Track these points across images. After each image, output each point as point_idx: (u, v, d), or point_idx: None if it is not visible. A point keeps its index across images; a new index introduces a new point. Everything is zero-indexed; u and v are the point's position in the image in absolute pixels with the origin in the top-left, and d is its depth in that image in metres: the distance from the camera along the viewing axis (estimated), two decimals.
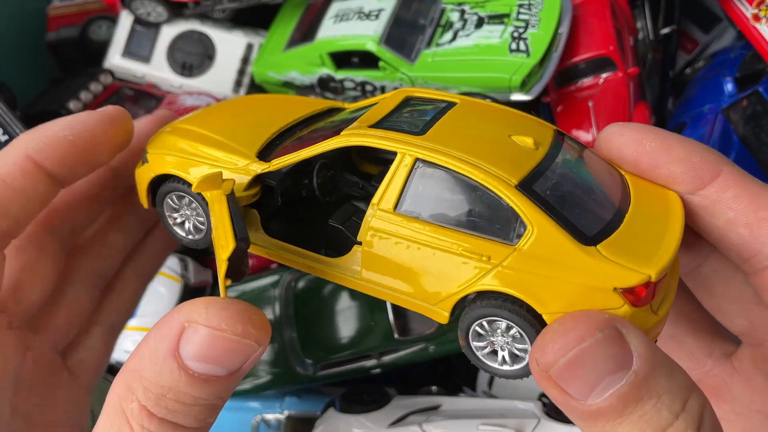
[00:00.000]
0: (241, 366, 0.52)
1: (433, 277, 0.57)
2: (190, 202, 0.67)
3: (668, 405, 0.47)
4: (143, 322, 1.18)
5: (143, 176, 0.69)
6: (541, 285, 0.53)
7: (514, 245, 0.54)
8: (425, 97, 0.67)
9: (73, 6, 1.49)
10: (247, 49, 1.36)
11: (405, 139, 0.58)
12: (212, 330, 0.50)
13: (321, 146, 0.61)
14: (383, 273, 0.60)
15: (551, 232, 0.53)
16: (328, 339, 1.13)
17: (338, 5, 1.26)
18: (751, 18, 1.14)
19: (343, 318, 1.13)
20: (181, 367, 0.50)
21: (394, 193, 0.58)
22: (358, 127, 0.61)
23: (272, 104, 0.79)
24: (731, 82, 1.16)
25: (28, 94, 1.34)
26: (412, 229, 0.57)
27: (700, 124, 1.15)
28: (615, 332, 0.48)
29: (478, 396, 1.21)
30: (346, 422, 1.04)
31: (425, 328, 1.12)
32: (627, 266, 0.52)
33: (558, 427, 0.95)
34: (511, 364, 0.59)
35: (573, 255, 0.52)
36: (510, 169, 0.55)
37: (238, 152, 0.65)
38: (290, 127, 0.70)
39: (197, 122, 0.71)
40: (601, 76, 1.16)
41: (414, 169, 0.57)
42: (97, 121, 0.66)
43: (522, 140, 0.59)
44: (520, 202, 0.54)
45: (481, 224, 0.56)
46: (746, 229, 0.57)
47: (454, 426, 0.98)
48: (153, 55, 1.37)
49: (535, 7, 1.13)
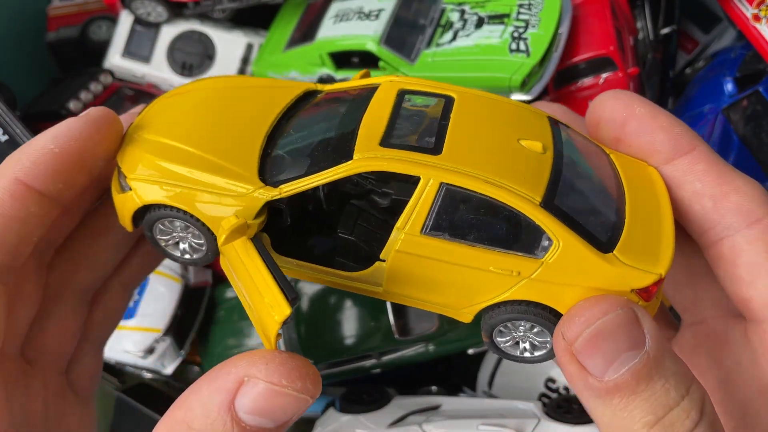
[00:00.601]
0: (291, 418, 0.53)
1: (461, 290, 0.60)
2: (187, 227, 0.63)
3: (675, 386, 0.52)
4: (143, 322, 1.18)
5: (126, 206, 0.64)
6: (564, 292, 0.57)
7: (541, 258, 0.57)
8: (420, 91, 0.66)
9: (73, 6, 1.49)
10: (247, 49, 1.36)
11: (426, 161, 0.57)
12: (272, 386, 0.51)
13: (334, 173, 0.59)
14: (408, 287, 0.61)
15: (575, 244, 0.56)
16: (328, 339, 1.13)
17: (338, 5, 1.26)
18: (751, 18, 1.14)
19: (343, 318, 1.12)
20: (235, 419, 0.51)
21: (420, 217, 0.58)
22: (369, 147, 0.59)
23: (240, 95, 0.71)
24: (731, 82, 1.16)
25: (28, 94, 1.34)
26: (440, 249, 0.58)
27: (700, 124, 1.15)
28: (632, 313, 0.53)
29: (478, 396, 1.21)
30: (346, 422, 1.04)
31: (425, 328, 1.12)
32: (641, 269, 0.56)
33: (558, 427, 0.95)
34: (531, 352, 0.62)
35: (594, 264, 0.56)
36: (531, 185, 0.57)
37: (237, 176, 0.60)
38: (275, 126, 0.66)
39: (168, 131, 0.65)
40: (601, 76, 1.16)
41: (439, 192, 0.57)
42: (81, 126, 0.62)
43: (531, 145, 0.60)
44: (546, 219, 0.56)
45: (507, 241, 0.57)
46: (710, 201, 0.61)
47: (454, 426, 0.98)
48: (153, 55, 1.37)
49: (535, 7, 1.13)
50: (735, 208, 0.60)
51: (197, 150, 0.62)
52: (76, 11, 1.49)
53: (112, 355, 1.17)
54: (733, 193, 0.61)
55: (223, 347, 1.18)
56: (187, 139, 0.63)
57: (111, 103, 1.27)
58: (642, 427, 0.51)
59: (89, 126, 0.62)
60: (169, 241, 0.66)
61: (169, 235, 0.65)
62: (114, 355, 1.17)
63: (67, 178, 0.61)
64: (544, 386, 1.15)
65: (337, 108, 0.67)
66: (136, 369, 1.22)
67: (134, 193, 0.62)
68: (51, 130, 0.62)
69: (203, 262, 0.66)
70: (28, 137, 1.01)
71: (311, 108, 0.69)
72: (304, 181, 0.59)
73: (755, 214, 0.60)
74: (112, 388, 1.19)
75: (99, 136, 0.63)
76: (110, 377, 1.23)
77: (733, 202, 0.61)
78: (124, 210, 0.65)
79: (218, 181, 0.60)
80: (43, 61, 1.49)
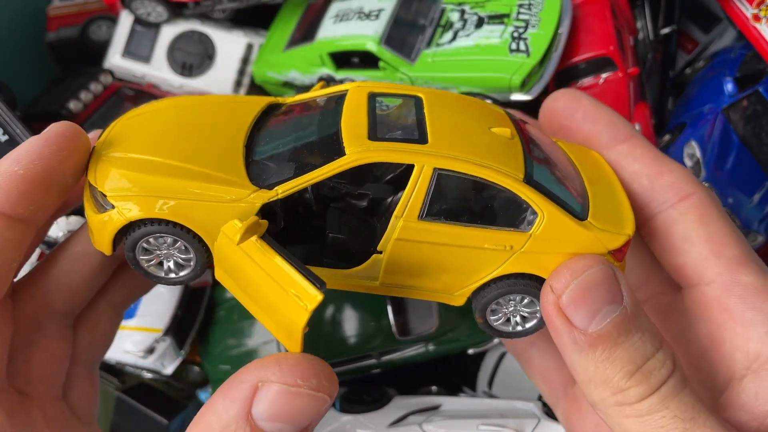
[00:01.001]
0: (311, 421, 0.53)
1: (458, 271, 0.63)
2: (174, 242, 0.62)
3: (650, 339, 0.57)
4: (143, 322, 1.18)
5: (108, 225, 0.61)
6: (550, 260, 0.62)
7: (528, 232, 0.62)
8: (389, 93, 0.69)
9: (73, 6, 1.49)
10: (247, 49, 1.36)
11: (417, 149, 0.61)
12: (287, 387, 0.51)
13: (330, 168, 0.60)
14: (405, 275, 0.64)
15: (557, 215, 0.62)
16: (328, 339, 1.13)
17: (338, 5, 1.26)
18: (751, 18, 1.14)
19: (343, 318, 1.12)
20: (254, 429, 0.51)
21: (417, 203, 0.61)
22: (359, 142, 0.60)
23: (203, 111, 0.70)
24: (731, 82, 1.16)
25: (28, 94, 1.34)
26: (438, 232, 0.61)
27: (701, 124, 1.16)
28: (611, 270, 0.59)
29: (478, 396, 1.21)
30: (346, 422, 1.04)
31: (425, 328, 1.12)
32: (613, 231, 0.63)
33: (558, 427, 0.95)
34: (523, 324, 0.67)
35: (575, 231, 0.62)
36: (511, 164, 0.62)
37: (229, 182, 0.60)
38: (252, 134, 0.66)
39: (138, 146, 0.63)
40: (601, 76, 1.16)
41: (433, 177, 0.61)
42: (44, 145, 0.59)
43: (501, 131, 0.65)
44: (531, 194, 0.61)
45: (499, 218, 0.62)
46: (646, 180, 0.69)
47: (454, 426, 0.98)
48: (153, 55, 1.37)
49: (535, 7, 1.13)
50: (668, 185, 0.68)
51: (177, 162, 0.61)
52: (76, 11, 1.49)
53: (112, 355, 1.17)
54: (666, 173, 0.68)
55: (223, 347, 1.18)
56: (163, 153, 0.62)
57: (111, 103, 1.27)
58: (624, 376, 0.56)
59: (51, 143, 0.60)
60: (152, 261, 0.64)
61: (152, 254, 0.63)
62: (114, 355, 1.17)
63: (37, 199, 0.59)
64: None
65: (308, 115, 0.68)
66: (136, 369, 1.22)
67: (117, 211, 0.60)
68: (13, 152, 0.60)
69: (189, 279, 0.64)
70: (27, 137, 1.01)
71: (279, 118, 0.69)
72: (299, 180, 0.60)
73: (685, 190, 0.67)
74: (112, 388, 1.19)
75: (63, 152, 0.60)
76: (110, 377, 1.23)
77: (666, 180, 0.68)
78: (104, 231, 0.61)
79: (211, 189, 0.59)
80: (43, 61, 1.49)
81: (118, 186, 0.60)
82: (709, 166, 1.09)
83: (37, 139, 0.60)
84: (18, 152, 0.59)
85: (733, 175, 1.09)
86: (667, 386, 0.56)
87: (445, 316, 1.11)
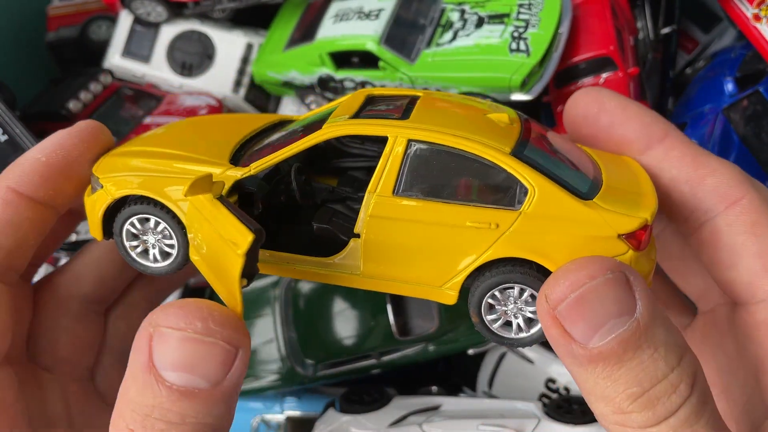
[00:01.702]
0: (223, 376, 0.49)
1: (440, 255, 0.58)
2: (157, 225, 0.63)
3: (664, 357, 0.49)
4: None
5: (97, 204, 0.64)
6: (548, 243, 0.55)
7: (518, 209, 0.56)
8: (387, 95, 0.67)
9: (73, 6, 1.49)
10: (247, 49, 1.36)
11: (392, 123, 0.58)
12: (174, 331, 0.48)
13: (304, 143, 0.59)
14: (386, 261, 0.59)
15: (552, 190, 0.55)
16: (328, 339, 1.13)
17: (338, 5, 1.26)
18: (751, 18, 1.14)
19: (343, 318, 1.12)
20: (159, 380, 0.48)
21: (391, 178, 0.58)
22: (338, 120, 0.60)
23: (217, 123, 0.76)
24: (731, 81, 1.16)
25: (28, 94, 1.33)
26: (415, 209, 0.57)
27: (701, 124, 1.15)
28: (623, 276, 0.50)
29: (478, 396, 1.21)
30: (346, 422, 1.04)
31: (425, 328, 1.12)
32: (626, 213, 0.55)
33: (558, 428, 0.95)
34: (527, 330, 0.59)
35: (575, 209, 0.55)
36: (499, 139, 0.57)
37: (209, 162, 0.61)
38: (250, 138, 0.68)
39: (146, 143, 0.67)
40: (602, 76, 1.16)
41: (408, 150, 0.57)
42: (67, 137, 0.66)
43: (498, 117, 0.61)
44: (518, 167, 0.55)
45: (483, 195, 0.57)
46: (687, 186, 0.61)
47: (454, 426, 0.98)
48: (153, 55, 1.36)
49: (535, 6, 1.13)
50: (712, 191, 0.60)
51: (171, 150, 0.64)
52: (75, 11, 1.49)
53: None
54: (709, 176, 0.60)
55: None
56: (161, 145, 0.66)
57: (111, 103, 1.27)
58: (626, 399, 0.48)
59: (74, 137, 0.66)
60: (138, 247, 0.65)
61: (139, 240, 0.64)
62: None
63: (55, 185, 0.65)
64: (545, 386, 1.15)
65: (306, 119, 0.69)
66: None
67: (105, 190, 0.64)
68: (41, 142, 0.67)
69: (173, 269, 0.64)
70: (27, 137, 1.02)
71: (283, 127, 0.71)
72: (274, 156, 0.60)
73: (732, 195, 0.59)
74: None
75: (84, 145, 0.66)
76: None
77: (710, 185, 0.60)
78: (95, 210, 0.65)
79: (190, 167, 0.61)
80: (43, 61, 1.49)
81: (108, 167, 0.65)
82: None
83: (63, 131, 0.67)
84: (44, 142, 0.67)
85: None
86: (677, 417, 0.48)
87: (445, 316, 1.11)
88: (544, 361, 1.16)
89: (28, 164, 0.65)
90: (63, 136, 0.67)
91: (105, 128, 0.69)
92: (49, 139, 0.67)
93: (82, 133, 0.67)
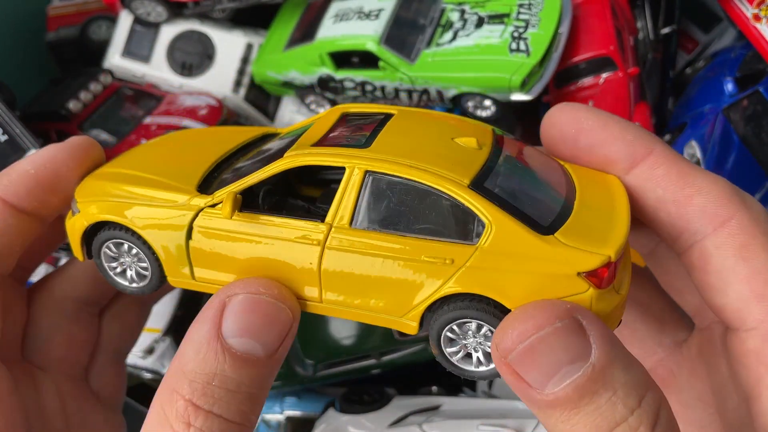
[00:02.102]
0: (278, 345, 0.53)
1: (397, 288, 0.57)
2: (130, 249, 0.64)
3: (623, 399, 0.47)
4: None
5: (75, 227, 0.66)
6: (505, 280, 0.54)
7: (475, 244, 0.54)
8: (362, 112, 0.66)
9: (73, 6, 1.49)
10: (247, 49, 1.36)
11: (351, 153, 0.57)
12: (250, 295, 0.53)
13: (265, 171, 0.60)
14: (345, 292, 0.59)
15: (509, 225, 0.53)
16: (328, 339, 1.13)
17: (338, 5, 1.26)
18: (751, 18, 1.14)
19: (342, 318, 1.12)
20: (225, 347, 0.51)
21: (347, 210, 0.57)
22: (300, 147, 0.60)
23: (204, 137, 0.76)
24: (731, 81, 1.16)
25: (28, 94, 1.33)
26: (371, 242, 0.56)
27: (701, 124, 1.15)
28: (575, 323, 0.49)
29: (478, 396, 1.21)
30: (346, 422, 1.04)
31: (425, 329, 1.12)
32: (587, 249, 0.52)
33: None
34: (486, 364, 0.58)
35: (533, 245, 0.53)
36: (459, 169, 0.55)
37: (175, 189, 0.62)
38: (227, 158, 0.68)
39: (126, 164, 0.69)
40: (602, 76, 1.16)
41: (365, 181, 0.57)
42: (58, 151, 0.68)
43: (465, 141, 0.59)
44: (475, 201, 0.54)
45: (439, 228, 0.55)
46: (674, 207, 0.58)
47: (454, 426, 0.98)
48: (153, 55, 1.36)
49: (535, 6, 1.13)
50: (699, 211, 0.57)
51: (145, 173, 0.65)
52: (75, 11, 1.49)
53: None
54: (696, 195, 0.57)
55: None
56: (138, 167, 0.67)
57: (111, 103, 1.27)
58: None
59: (65, 152, 0.68)
60: (117, 268, 0.66)
61: (117, 261, 0.66)
62: None
63: (42, 198, 0.67)
64: None
65: (285, 137, 0.69)
66: (136, 369, 1.22)
67: (82, 214, 0.65)
68: (33, 154, 0.69)
69: (149, 289, 0.66)
70: (27, 137, 1.02)
71: (264, 142, 0.71)
72: (237, 185, 0.60)
73: (720, 215, 0.56)
74: None
75: (73, 161, 0.68)
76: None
77: (697, 205, 0.57)
78: (74, 233, 0.67)
79: (154, 193, 0.62)
80: (43, 61, 1.49)
81: (87, 191, 0.66)
82: (710, 166, 1.09)
83: (55, 146, 0.69)
84: (35, 155, 0.68)
85: (734, 175, 1.09)
86: None
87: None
88: None
89: (16, 175, 0.67)
90: (54, 150, 0.68)
91: (96, 144, 0.71)
92: (40, 152, 0.69)
93: (73, 149, 0.69)
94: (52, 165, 0.67)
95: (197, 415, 0.51)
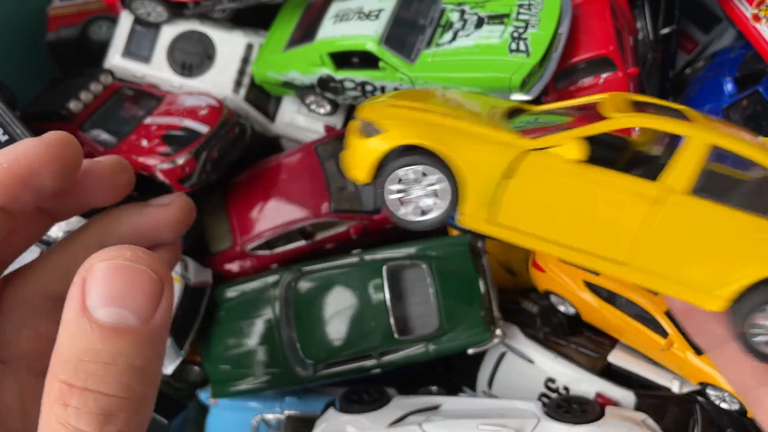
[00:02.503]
0: (152, 312, 0.50)
1: (720, 261, 0.57)
2: (420, 180, 0.63)
3: None
4: None
5: (373, 148, 0.64)
6: None
7: None
8: (648, 102, 0.67)
9: (73, 6, 1.49)
10: (247, 49, 1.36)
11: (692, 125, 0.59)
12: (107, 261, 0.50)
13: (592, 129, 0.59)
14: (661, 257, 0.58)
15: None
16: (328, 339, 1.13)
17: (338, 5, 1.26)
18: (751, 18, 1.14)
19: (342, 318, 1.12)
20: (91, 320, 0.49)
21: (685, 176, 0.58)
22: (632, 112, 0.61)
23: (459, 98, 0.76)
24: (731, 82, 1.16)
25: (28, 94, 1.33)
26: (709, 211, 0.57)
27: None
28: None
29: (478, 396, 1.21)
30: (346, 422, 1.04)
31: (425, 328, 1.12)
32: None
33: (558, 427, 0.95)
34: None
35: None
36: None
37: (498, 128, 0.61)
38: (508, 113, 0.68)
39: (416, 101, 0.68)
40: (601, 76, 1.16)
41: (710, 155, 0.58)
42: (33, 147, 0.65)
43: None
44: None
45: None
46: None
47: (454, 426, 0.98)
48: (153, 55, 1.36)
49: (535, 7, 1.13)
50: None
51: (444, 109, 0.65)
52: (76, 11, 1.49)
53: None
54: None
55: (223, 347, 1.18)
56: (428, 106, 0.66)
57: (111, 103, 1.27)
58: None
59: (40, 147, 0.65)
60: (399, 197, 0.65)
61: (400, 193, 0.65)
62: None
63: (13, 192, 0.64)
64: (544, 386, 1.15)
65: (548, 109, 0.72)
66: None
67: (387, 135, 0.63)
68: (6, 148, 0.66)
69: (429, 225, 0.64)
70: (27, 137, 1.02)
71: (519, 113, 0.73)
72: (576, 131, 0.60)
73: None
74: None
75: (48, 156, 0.65)
76: None
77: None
78: (369, 154, 0.64)
79: (482, 128, 0.61)
80: (43, 61, 1.49)
81: (390, 114, 0.65)
82: None
83: (29, 140, 0.66)
84: (9, 149, 0.66)
85: None
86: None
87: (445, 316, 1.11)
88: (543, 360, 1.16)
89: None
90: (29, 145, 0.65)
91: (74, 141, 0.68)
92: (14, 146, 0.66)
93: (49, 145, 0.66)
94: (26, 160, 0.64)
95: (72, 394, 0.48)
